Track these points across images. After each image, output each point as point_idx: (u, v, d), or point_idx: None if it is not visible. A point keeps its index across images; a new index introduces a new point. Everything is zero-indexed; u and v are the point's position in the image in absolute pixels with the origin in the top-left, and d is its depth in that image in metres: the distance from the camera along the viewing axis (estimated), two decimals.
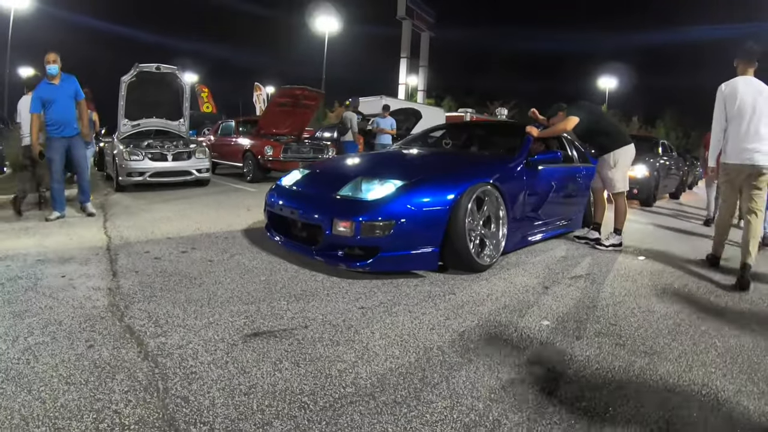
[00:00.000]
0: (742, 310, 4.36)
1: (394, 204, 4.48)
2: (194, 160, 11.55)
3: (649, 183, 12.28)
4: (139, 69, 11.45)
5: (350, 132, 13.31)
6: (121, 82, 11.34)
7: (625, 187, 6.68)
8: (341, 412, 2.34)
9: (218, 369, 2.70)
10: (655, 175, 12.57)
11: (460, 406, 2.46)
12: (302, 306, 3.78)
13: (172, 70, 12.03)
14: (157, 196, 10.10)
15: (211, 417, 2.25)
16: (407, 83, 53.25)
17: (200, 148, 11.91)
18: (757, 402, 2.71)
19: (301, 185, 5.49)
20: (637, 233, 8.13)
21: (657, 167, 12.89)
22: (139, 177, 10.72)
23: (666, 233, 8.64)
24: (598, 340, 3.44)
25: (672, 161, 15.16)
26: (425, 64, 55.16)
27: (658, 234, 8.49)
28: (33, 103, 7.35)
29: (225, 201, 9.79)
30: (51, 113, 7.37)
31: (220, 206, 8.95)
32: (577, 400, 2.59)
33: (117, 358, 2.79)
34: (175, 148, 11.35)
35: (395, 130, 13.85)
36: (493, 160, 6.26)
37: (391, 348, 3.10)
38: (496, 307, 3.99)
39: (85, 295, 3.84)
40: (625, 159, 6.61)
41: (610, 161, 6.59)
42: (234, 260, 5.04)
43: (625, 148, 6.58)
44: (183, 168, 11.36)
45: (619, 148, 6.56)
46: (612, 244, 6.60)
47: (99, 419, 2.20)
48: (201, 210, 8.36)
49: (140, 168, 10.71)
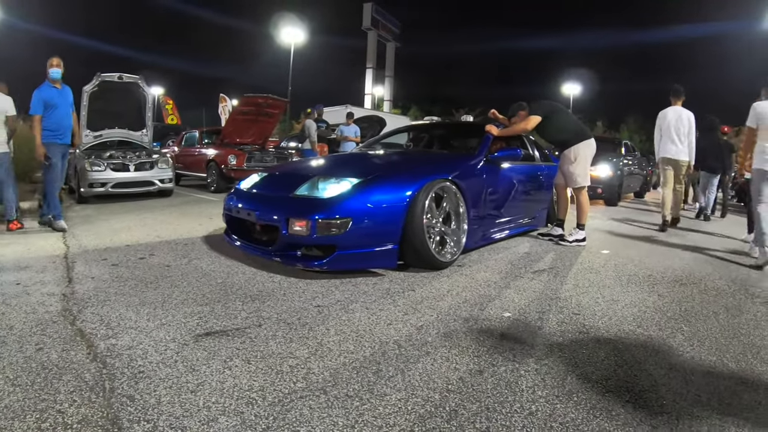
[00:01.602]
0: (708, 297, 4.44)
1: (350, 201, 4.44)
2: (157, 170, 11.43)
3: (613, 182, 12.46)
4: (101, 79, 11.30)
5: (307, 140, 13.34)
6: (83, 92, 11.18)
7: (586, 182, 6.76)
8: (290, 407, 2.29)
9: (167, 368, 2.64)
10: (618, 175, 12.76)
11: (415, 397, 2.42)
12: (257, 306, 3.73)
13: (135, 79, 11.89)
14: (119, 206, 9.97)
15: (155, 415, 2.19)
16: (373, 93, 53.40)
17: (163, 158, 11.79)
18: (727, 382, 2.75)
19: (259, 187, 5.42)
20: (601, 229, 8.26)
21: (620, 167, 13.04)
22: (101, 188, 10.57)
23: (630, 228, 8.80)
24: (561, 329, 3.45)
25: (635, 161, 15.41)
26: (391, 75, 55.39)
27: (622, 229, 8.63)
28: (36, 104, 7.19)
29: (187, 210, 9.69)
30: (52, 118, 7.28)
31: (182, 215, 8.85)
32: (538, 388, 2.57)
33: (65, 360, 2.73)
34: (137, 159, 11.23)
35: (359, 138, 13.85)
36: (453, 158, 6.31)
37: (346, 343, 3.06)
38: (457, 302, 3.97)
39: (39, 301, 3.76)
40: (585, 153, 6.70)
41: (570, 156, 6.66)
42: (192, 265, 4.97)
43: (585, 142, 6.68)
44: (145, 178, 11.22)
45: (579, 142, 6.65)
46: (576, 239, 6.65)
47: (42, 419, 2.15)
48: (162, 219, 8.25)
49: (102, 179, 10.56)
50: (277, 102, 14.70)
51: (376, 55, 53.42)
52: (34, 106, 7.18)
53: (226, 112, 34.94)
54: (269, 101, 14.33)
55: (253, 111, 14.40)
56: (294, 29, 41.41)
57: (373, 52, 52.80)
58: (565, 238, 6.75)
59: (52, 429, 2.08)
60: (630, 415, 2.34)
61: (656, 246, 7.02)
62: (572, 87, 56.74)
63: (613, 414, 2.35)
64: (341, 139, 13.75)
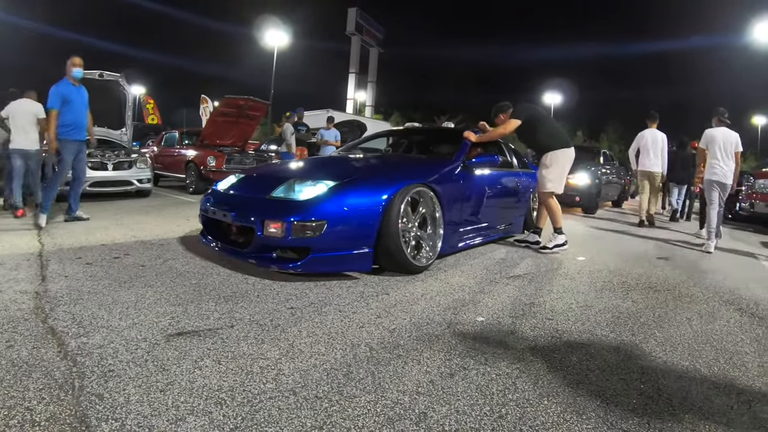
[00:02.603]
0: (682, 303, 4.51)
1: (325, 204, 4.44)
2: (135, 169, 11.38)
3: (591, 190, 12.56)
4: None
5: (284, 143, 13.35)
6: None
7: (556, 189, 6.76)
8: (259, 408, 2.29)
9: (137, 367, 2.64)
10: (596, 183, 12.86)
11: (385, 399, 2.44)
12: (230, 307, 3.72)
13: (116, 77, 11.83)
14: (95, 205, 9.85)
15: (123, 413, 2.19)
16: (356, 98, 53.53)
17: (142, 158, 11.73)
18: (699, 387, 2.79)
19: (235, 189, 5.42)
20: (578, 236, 8.32)
21: (598, 175, 13.15)
22: None
23: (606, 236, 8.94)
24: (534, 334, 3.49)
25: (613, 170, 15.53)
26: (373, 80, 55.60)
27: (598, 236, 8.75)
28: (53, 98, 7.35)
29: (164, 211, 9.62)
30: (68, 114, 7.44)
31: (159, 215, 8.80)
32: (509, 391, 2.60)
33: (35, 358, 2.71)
34: (116, 158, 11.15)
35: (339, 142, 13.86)
36: (430, 162, 6.32)
37: (317, 345, 3.07)
38: (430, 306, 3.99)
39: (11, 298, 3.71)
40: (561, 161, 6.71)
41: (546, 160, 6.71)
42: (167, 265, 4.95)
43: (563, 150, 6.70)
44: (124, 177, 11.16)
45: (557, 149, 6.66)
46: (556, 245, 6.68)
47: (9, 416, 2.14)
48: (139, 219, 8.18)
49: None
50: (259, 104, 14.67)
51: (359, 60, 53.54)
52: (52, 100, 7.32)
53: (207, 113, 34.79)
54: (250, 103, 14.30)
55: (234, 113, 14.38)
56: (278, 32, 41.31)
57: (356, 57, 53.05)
58: (545, 246, 6.75)
59: (20, 426, 2.07)
60: (601, 419, 2.37)
61: (632, 253, 7.11)
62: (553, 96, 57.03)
63: (584, 418, 2.37)
64: (321, 143, 13.77)
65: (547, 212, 6.85)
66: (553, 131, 6.90)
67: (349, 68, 53.70)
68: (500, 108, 7.02)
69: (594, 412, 2.42)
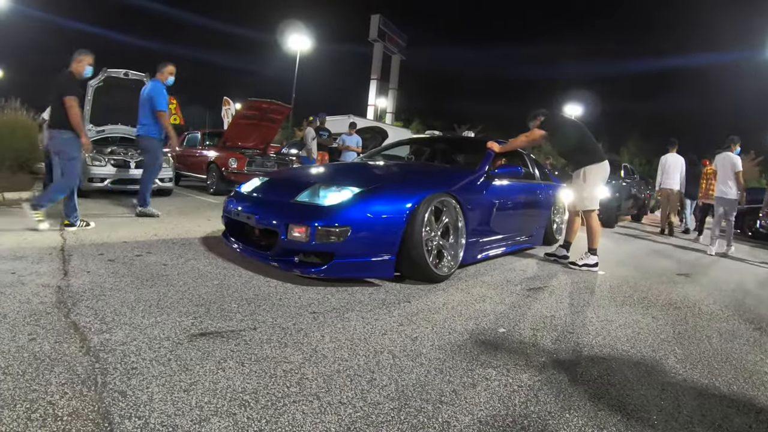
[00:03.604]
0: (701, 321, 4.45)
1: (350, 210, 4.43)
2: None
3: (611, 204, 12.47)
4: (107, 74, 11.30)
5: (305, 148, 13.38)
6: (88, 86, 11.18)
7: (594, 205, 6.66)
8: (283, 411, 2.28)
9: (160, 366, 2.63)
10: (616, 197, 12.79)
11: (408, 407, 2.42)
12: (253, 309, 3.71)
13: (141, 77, 11.89)
14: (117, 202, 9.96)
15: (147, 412, 2.18)
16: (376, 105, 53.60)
17: (164, 158, 11.78)
18: (719, 405, 2.76)
19: (259, 191, 5.43)
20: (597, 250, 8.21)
21: (619, 189, 13.09)
22: (101, 183, 10.55)
23: (626, 250, 8.89)
24: (555, 347, 3.45)
25: (634, 184, 15.42)
26: (395, 87, 55.64)
27: (618, 250, 8.69)
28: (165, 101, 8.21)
29: (186, 210, 9.68)
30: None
31: (180, 215, 8.84)
32: (531, 404, 2.57)
33: (58, 352, 2.71)
34: (138, 156, 11.20)
35: (361, 148, 13.87)
36: (454, 172, 6.30)
37: (341, 351, 3.05)
38: (452, 315, 3.96)
39: (33, 292, 3.73)
40: (595, 176, 6.59)
41: (580, 177, 6.60)
42: (188, 265, 4.96)
43: (598, 164, 6.58)
44: None
45: (591, 164, 6.56)
46: (586, 264, 6.53)
47: (32, 409, 2.13)
48: (160, 218, 8.22)
49: (102, 174, 10.56)
50: (281, 108, 14.72)
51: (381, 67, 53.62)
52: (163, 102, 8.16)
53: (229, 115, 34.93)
54: (273, 106, 14.35)
55: (256, 115, 14.43)
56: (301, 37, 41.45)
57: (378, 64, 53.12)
58: (574, 262, 6.63)
59: (41, 420, 2.07)
60: None
61: (652, 269, 7.06)
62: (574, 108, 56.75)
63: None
64: (343, 148, 13.79)
65: (587, 231, 6.73)
66: (587, 145, 6.73)
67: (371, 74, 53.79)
68: (534, 114, 7.00)
69: (615, 427, 2.40)
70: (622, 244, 10.09)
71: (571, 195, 6.93)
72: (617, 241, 10.43)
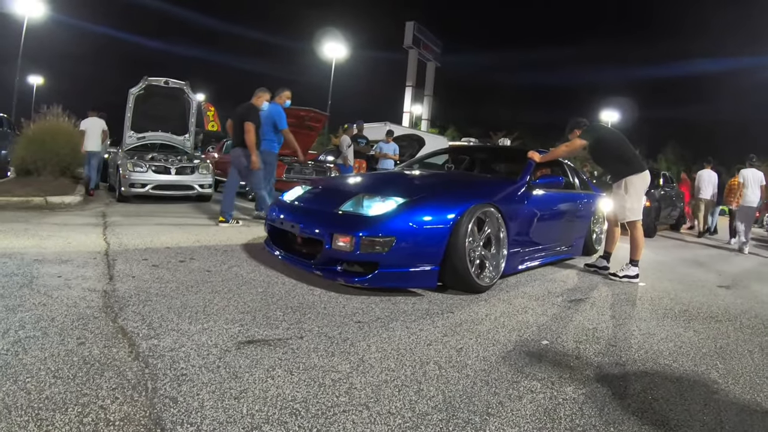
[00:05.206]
0: (743, 335, 4.36)
1: (394, 220, 4.44)
2: (197, 175, 11.59)
3: (650, 213, 12.29)
4: (147, 82, 11.52)
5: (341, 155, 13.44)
6: (129, 94, 11.40)
7: (637, 216, 6.52)
8: (333, 420, 2.29)
9: (209, 373, 2.65)
10: (656, 206, 12.64)
11: (456, 419, 2.41)
12: (298, 317, 3.73)
13: (181, 85, 12.09)
14: (158, 208, 10.10)
15: (198, 418, 2.20)
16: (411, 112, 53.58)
17: (204, 164, 11.94)
18: (761, 422, 2.71)
19: (302, 200, 5.46)
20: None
21: (658, 198, 12.95)
22: (142, 188, 10.74)
23: (666, 261, 8.72)
24: (598, 360, 3.41)
25: (673, 192, 15.24)
26: (430, 94, 55.59)
27: (658, 261, 8.55)
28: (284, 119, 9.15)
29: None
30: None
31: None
32: (576, 417, 2.55)
33: (107, 357, 2.74)
34: (178, 162, 11.38)
35: (398, 156, 13.87)
36: (495, 182, 6.27)
37: (387, 361, 3.05)
38: (495, 327, 3.93)
39: (80, 296, 3.80)
40: (637, 187, 6.47)
41: (621, 188, 6.50)
42: (232, 271, 5.00)
43: (639, 174, 6.47)
44: (185, 182, 11.39)
45: (632, 174, 6.46)
46: (626, 275, 6.39)
47: (84, 413, 2.16)
48: (201, 223, 8.33)
49: (143, 180, 10.75)
50: (319, 115, 14.81)
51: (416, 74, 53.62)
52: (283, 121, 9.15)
53: None
54: (311, 114, 14.45)
55: (294, 123, 14.46)
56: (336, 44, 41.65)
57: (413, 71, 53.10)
58: (615, 274, 6.51)
59: (93, 424, 2.09)
60: None
61: (692, 281, 6.93)
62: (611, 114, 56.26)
63: None
64: (380, 155, 13.80)
65: (630, 242, 6.60)
66: (627, 155, 6.61)
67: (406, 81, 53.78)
68: (574, 124, 6.94)
69: None
70: (662, 254, 9.93)
71: (612, 205, 6.84)
72: (657, 250, 10.25)
